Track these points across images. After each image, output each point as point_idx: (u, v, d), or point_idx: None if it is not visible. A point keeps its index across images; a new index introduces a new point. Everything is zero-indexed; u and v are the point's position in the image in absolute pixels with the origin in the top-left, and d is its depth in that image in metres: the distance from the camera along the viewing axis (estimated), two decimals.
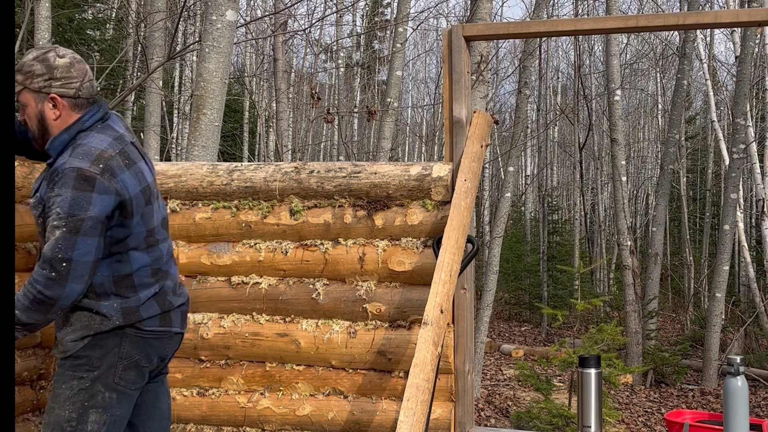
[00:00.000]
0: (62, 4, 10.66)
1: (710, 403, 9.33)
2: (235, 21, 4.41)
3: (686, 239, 17.28)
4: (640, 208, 22.65)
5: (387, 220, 3.00)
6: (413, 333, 2.94)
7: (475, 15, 6.82)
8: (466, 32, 3.03)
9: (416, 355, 2.43)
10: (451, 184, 2.95)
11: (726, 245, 10.18)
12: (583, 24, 2.99)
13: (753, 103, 15.15)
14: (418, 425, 2.28)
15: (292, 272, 3.09)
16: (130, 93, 10.19)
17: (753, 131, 11.48)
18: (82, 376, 2.30)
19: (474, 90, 6.27)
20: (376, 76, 21.33)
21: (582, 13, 16.59)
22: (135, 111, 13.14)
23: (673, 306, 18.15)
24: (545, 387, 6.87)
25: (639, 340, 10.35)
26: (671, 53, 18.48)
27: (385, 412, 2.96)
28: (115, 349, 2.32)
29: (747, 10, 2.88)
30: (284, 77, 11.82)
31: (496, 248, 9.33)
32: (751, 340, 11.71)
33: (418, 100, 27.18)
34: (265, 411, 3.07)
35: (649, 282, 11.57)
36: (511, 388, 9.85)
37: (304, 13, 17.58)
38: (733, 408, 2.89)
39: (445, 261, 2.65)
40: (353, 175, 3.04)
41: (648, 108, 23.94)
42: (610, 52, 11.04)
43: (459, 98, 3.03)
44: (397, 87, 8.88)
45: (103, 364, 2.31)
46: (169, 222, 2.60)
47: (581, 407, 3.06)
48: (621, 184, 10.83)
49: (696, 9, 11.70)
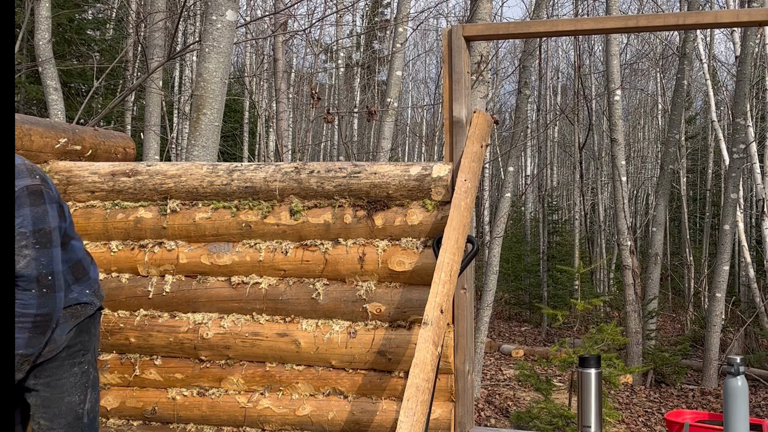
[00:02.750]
0: (62, 4, 10.66)
1: (710, 403, 9.34)
2: (235, 21, 4.41)
3: (686, 239, 17.27)
4: (640, 208, 22.65)
5: (387, 220, 3.00)
6: (413, 333, 2.94)
7: (475, 15, 6.82)
8: (466, 32, 3.03)
9: (416, 355, 2.43)
10: (451, 184, 2.95)
11: (726, 245, 10.18)
12: (583, 24, 2.99)
13: (753, 103, 15.15)
14: (418, 425, 2.28)
15: (292, 272, 3.09)
16: (130, 93, 10.19)
17: (753, 131, 11.49)
18: (80, 360, 2.50)
19: (474, 90, 6.27)
20: (376, 76, 21.34)
21: (582, 13, 16.59)
22: (135, 111, 13.14)
23: (673, 306, 18.15)
24: (545, 387, 6.87)
25: (639, 340, 10.35)
26: (671, 53, 18.48)
27: (385, 412, 2.96)
28: (93, 330, 2.57)
29: (747, 10, 2.88)
30: (284, 77, 11.82)
31: (496, 248, 9.33)
32: (751, 340, 11.72)
33: (418, 100, 27.18)
34: (265, 411, 3.07)
35: (649, 282, 11.57)
36: (511, 388, 9.85)
37: (304, 13, 17.57)
38: (734, 408, 2.89)
39: (445, 261, 2.65)
40: (353, 175, 3.04)
41: (648, 108, 23.93)
42: (610, 52, 11.04)
43: (459, 98, 3.03)
44: (397, 87, 8.88)
45: (90, 345, 2.55)
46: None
47: (581, 407, 3.06)
48: (621, 184, 10.83)
49: (696, 9, 11.70)
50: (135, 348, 3.18)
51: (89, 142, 3.46)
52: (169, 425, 3.16)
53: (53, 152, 3.25)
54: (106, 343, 3.20)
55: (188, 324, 3.12)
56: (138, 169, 3.23)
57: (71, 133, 3.35)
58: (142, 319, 3.16)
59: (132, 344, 3.17)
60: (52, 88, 7.16)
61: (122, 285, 3.16)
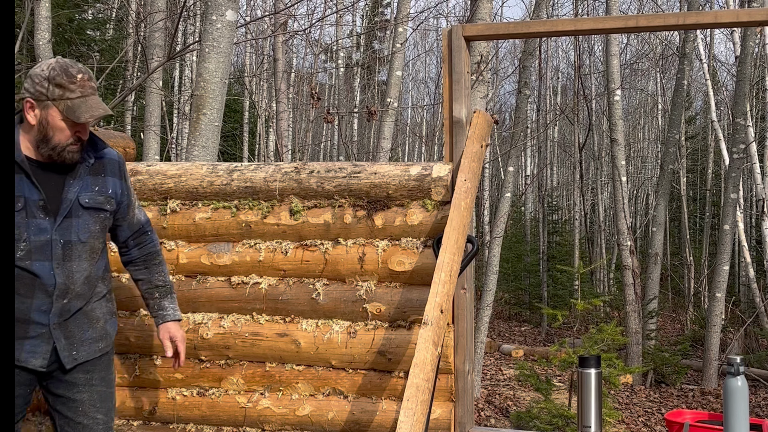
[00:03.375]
0: (62, 4, 10.66)
1: (710, 403, 9.33)
2: (235, 21, 4.41)
3: (686, 239, 17.28)
4: (640, 208, 22.65)
5: (387, 220, 3.00)
6: (413, 333, 2.94)
7: (475, 15, 6.82)
8: (466, 32, 3.03)
9: (416, 355, 2.43)
10: (451, 184, 2.95)
11: (726, 245, 10.18)
12: (583, 24, 2.99)
13: (753, 103, 15.15)
14: (418, 425, 2.28)
15: (292, 272, 3.09)
16: (130, 93, 10.20)
17: (753, 131, 11.49)
18: (113, 353, 2.67)
19: (474, 90, 6.27)
20: (376, 76, 21.33)
21: (582, 13, 16.59)
22: (135, 111, 13.14)
23: (673, 306, 18.15)
24: (545, 387, 6.87)
25: (639, 340, 10.35)
26: (671, 53, 18.48)
27: (385, 412, 2.96)
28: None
29: (747, 10, 2.88)
30: (284, 77, 11.82)
31: (496, 248, 9.33)
32: (751, 340, 11.72)
33: (418, 100, 27.18)
34: (265, 411, 3.07)
35: (649, 282, 11.57)
36: (511, 388, 9.84)
37: (304, 13, 17.54)
38: (733, 408, 2.89)
39: (445, 261, 2.65)
40: (353, 175, 3.04)
41: (648, 108, 23.93)
42: (610, 52, 11.04)
43: (459, 98, 3.03)
44: (397, 87, 8.88)
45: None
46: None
47: (581, 407, 3.06)
48: (621, 184, 10.83)
49: (696, 9, 11.70)
50: (135, 348, 3.18)
51: None
52: (169, 425, 3.16)
53: None
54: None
55: (188, 324, 3.12)
56: (138, 169, 3.23)
57: None
58: (142, 319, 3.16)
59: (132, 344, 3.17)
60: None
61: (122, 285, 3.16)
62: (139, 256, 2.67)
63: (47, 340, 2.34)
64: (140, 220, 2.65)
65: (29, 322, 2.31)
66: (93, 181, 2.43)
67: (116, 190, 2.49)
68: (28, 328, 2.31)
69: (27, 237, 2.28)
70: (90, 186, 2.41)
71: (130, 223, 2.61)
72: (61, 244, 2.33)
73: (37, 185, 2.30)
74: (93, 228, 2.41)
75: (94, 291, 2.47)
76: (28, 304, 2.29)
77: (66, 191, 2.35)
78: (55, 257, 2.32)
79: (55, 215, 2.32)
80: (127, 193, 2.56)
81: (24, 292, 2.29)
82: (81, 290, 2.40)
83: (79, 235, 2.37)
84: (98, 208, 2.43)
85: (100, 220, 2.44)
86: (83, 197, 2.38)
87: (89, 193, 2.40)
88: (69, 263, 2.35)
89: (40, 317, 2.32)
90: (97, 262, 2.48)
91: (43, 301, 2.31)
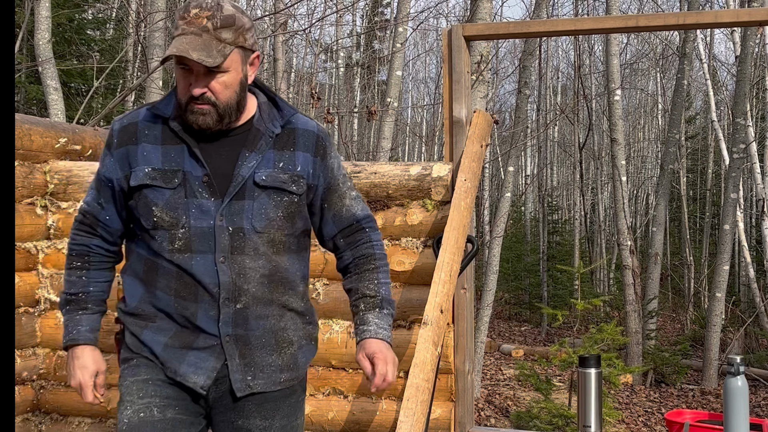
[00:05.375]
0: (62, 4, 10.65)
1: (710, 403, 9.33)
2: None
3: (686, 239, 17.28)
4: (640, 208, 22.66)
5: (387, 220, 3.00)
6: (413, 333, 2.94)
7: (475, 15, 6.83)
8: (466, 32, 3.03)
9: (416, 355, 2.43)
10: (451, 184, 2.95)
11: (726, 245, 10.18)
12: (583, 24, 2.99)
13: (753, 102, 15.15)
14: (418, 425, 2.28)
15: None
16: (130, 93, 10.20)
17: (753, 131, 11.49)
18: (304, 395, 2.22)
19: (474, 90, 6.27)
20: (376, 76, 21.33)
21: (582, 13, 16.60)
22: None
23: (673, 306, 18.14)
24: (545, 387, 6.87)
25: (639, 340, 10.35)
26: (671, 53, 18.49)
27: (385, 412, 2.96)
28: None
29: (747, 10, 2.88)
30: (284, 77, 11.82)
31: (496, 248, 9.33)
32: (751, 340, 11.72)
33: (418, 100, 27.20)
34: None
35: (649, 282, 11.57)
36: (511, 388, 9.84)
37: (304, 13, 17.57)
38: (734, 408, 2.89)
39: (445, 261, 2.65)
40: (353, 174, 3.03)
41: (648, 108, 23.95)
42: (610, 52, 11.04)
43: (459, 98, 3.03)
44: (397, 87, 8.88)
45: None
46: None
47: (581, 407, 3.06)
48: (621, 184, 10.84)
49: (696, 9, 11.71)
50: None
51: (89, 142, 3.46)
52: None
53: (53, 152, 3.25)
54: (107, 343, 3.19)
55: None
56: None
57: (71, 133, 3.35)
58: None
59: None
60: (52, 88, 7.15)
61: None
62: (351, 260, 2.03)
63: (217, 356, 1.84)
64: (354, 213, 1.99)
65: (198, 330, 1.84)
66: (277, 156, 1.87)
67: (307, 168, 1.89)
68: (195, 338, 1.84)
69: (186, 222, 1.80)
70: (272, 161, 1.86)
71: (336, 215, 1.98)
72: (229, 232, 1.81)
73: (199, 158, 1.81)
74: (273, 214, 1.85)
75: (285, 301, 1.91)
76: (193, 309, 1.82)
77: (239, 166, 1.82)
78: (219, 248, 1.80)
79: (223, 195, 1.81)
80: (327, 174, 1.94)
81: (186, 294, 1.82)
82: (259, 293, 1.85)
83: (253, 222, 1.83)
84: (280, 188, 1.85)
85: (284, 206, 1.86)
86: (260, 174, 1.83)
87: (269, 169, 1.85)
88: (239, 257, 1.82)
89: (209, 326, 1.83)
90: (285, 262, 1.90)
91: (210, 305, 1.82)
